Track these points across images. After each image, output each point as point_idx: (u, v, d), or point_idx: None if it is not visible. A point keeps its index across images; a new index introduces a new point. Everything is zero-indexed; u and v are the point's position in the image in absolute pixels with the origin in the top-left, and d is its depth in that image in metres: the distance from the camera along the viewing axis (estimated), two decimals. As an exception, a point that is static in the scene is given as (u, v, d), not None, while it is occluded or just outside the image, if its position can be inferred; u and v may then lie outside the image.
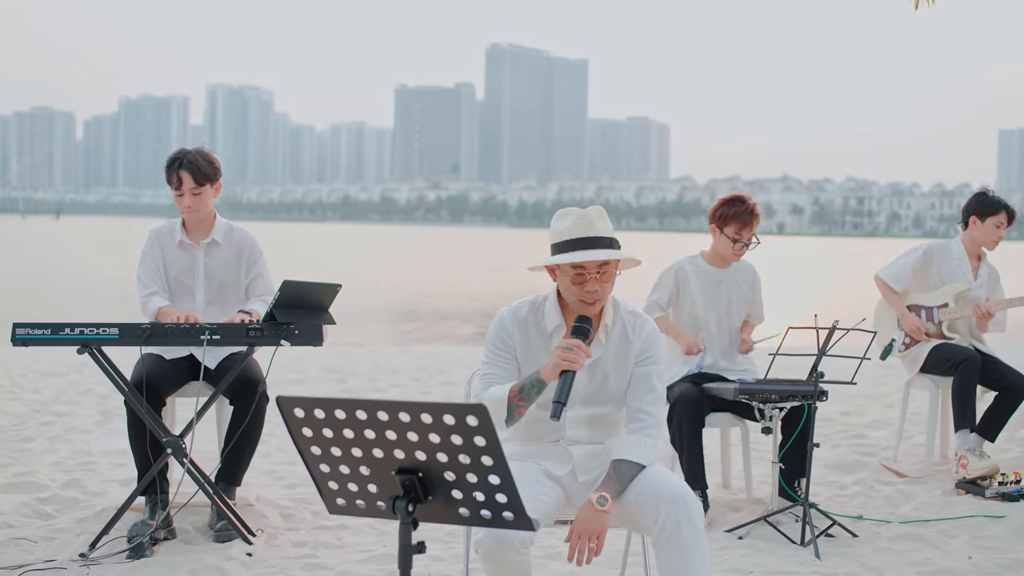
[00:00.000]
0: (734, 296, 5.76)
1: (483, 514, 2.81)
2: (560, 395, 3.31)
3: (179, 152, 5.19)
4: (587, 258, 3.42)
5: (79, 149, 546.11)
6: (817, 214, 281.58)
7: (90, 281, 30.28)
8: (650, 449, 3.50)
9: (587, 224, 3.48)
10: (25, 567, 4.42)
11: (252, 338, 4.68)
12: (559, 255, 3.48)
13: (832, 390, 9.85)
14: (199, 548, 4.72)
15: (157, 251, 5.30)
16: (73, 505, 5.50)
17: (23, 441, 7.24)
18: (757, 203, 5.67)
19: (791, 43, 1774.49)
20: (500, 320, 3.61)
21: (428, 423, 2.69)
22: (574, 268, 3.47)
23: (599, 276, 3.46)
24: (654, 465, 3.51)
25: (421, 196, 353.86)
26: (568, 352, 3.33)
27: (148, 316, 5.17)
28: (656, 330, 3.67)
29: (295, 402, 2.83)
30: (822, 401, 5.20)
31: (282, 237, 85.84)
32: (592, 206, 3.56)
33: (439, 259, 56.78)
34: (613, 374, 3.60)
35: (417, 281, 33.31)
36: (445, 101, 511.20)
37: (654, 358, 3.62)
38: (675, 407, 5.40)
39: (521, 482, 3.43)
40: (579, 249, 3.45)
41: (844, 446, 7.23)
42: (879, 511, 5.52)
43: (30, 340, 4.59)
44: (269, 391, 5.02)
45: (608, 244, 3.47)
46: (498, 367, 3.55)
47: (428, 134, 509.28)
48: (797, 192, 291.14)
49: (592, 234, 3.47)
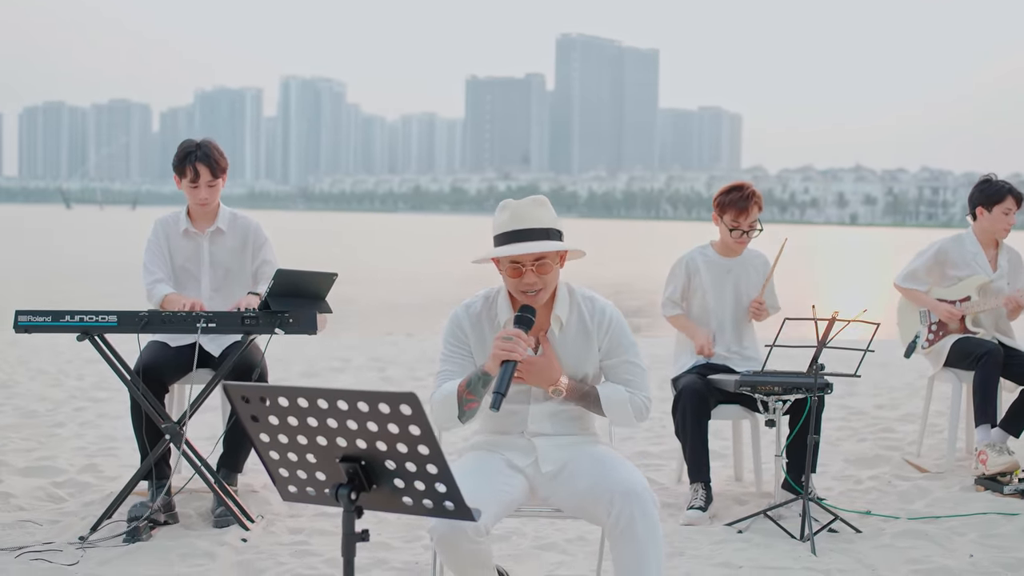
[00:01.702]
0: (744, 285, 5.68)
1: (425, 503, 2.80)
2: (499, 385, 3.30)
3: (190, 144, 5.23)
4: (513, 252, 3.40)
5: (155, 140, 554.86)
6: (891, 204, 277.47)
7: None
8: (618, 399, 3.55)
9: (521, 216, 3.46)
10: (24, 548, 4.50)
11: (247, 326, 4.72)
12: (493, 249, 3.49)
13: (869, 383, 9.76)
14: (195, 533, 4.78)
15: (163, 240, 5.36)
16: (85, 489, 5.60)
17: (54, 426, 7.37)
18: (758, 191, 5.60)
19: (866, 29, 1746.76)
20: (454, 317, 3.61)
21: (365, 411, 2.69)
22: (511, 262, 3.45)
23: (535, 268, 3.43)
24: (610, 455, 3.49)
25: (491, 186, 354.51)
26: (507, 342, 3.32)
27: (153, 303, 5.23)
28: (618, 317, 3.63)
29: (240, 389, 2.85)
30: (826, 394, 5.13)
31: (357, 228, 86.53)
32: (533, 196, 3.53)
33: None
34: (573, 364, 3.58)
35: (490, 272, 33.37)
36: (515, 91, 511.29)
37: (623, 347, 3.60)
38: (680, 398, 5.35)
39: (484, 473, 3.45)
40: (512, 242, 3.43)
41: (870, 440, 7.12)
42: (890, 507, 5.43)
43: (32, 327, 4.67)
44: (295, 380, 5.06)
45: (544, 236, 3.44)
46: (453, 363, 3.55)
47: (498, 124, 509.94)
48: (870, 182, 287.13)
49: (525, 226, 3.44)
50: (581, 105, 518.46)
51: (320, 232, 76.92)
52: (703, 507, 5.15)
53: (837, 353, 5.14)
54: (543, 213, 3.49)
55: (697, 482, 5.25)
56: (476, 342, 3.58)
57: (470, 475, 3.38)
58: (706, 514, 5.13)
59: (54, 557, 4.41)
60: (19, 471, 5.95)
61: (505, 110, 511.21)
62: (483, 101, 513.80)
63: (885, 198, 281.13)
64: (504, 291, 3.61)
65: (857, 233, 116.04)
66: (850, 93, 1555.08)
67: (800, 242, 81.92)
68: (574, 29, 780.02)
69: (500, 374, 3.31)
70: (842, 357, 5.53)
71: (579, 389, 3.53)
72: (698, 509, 5.14)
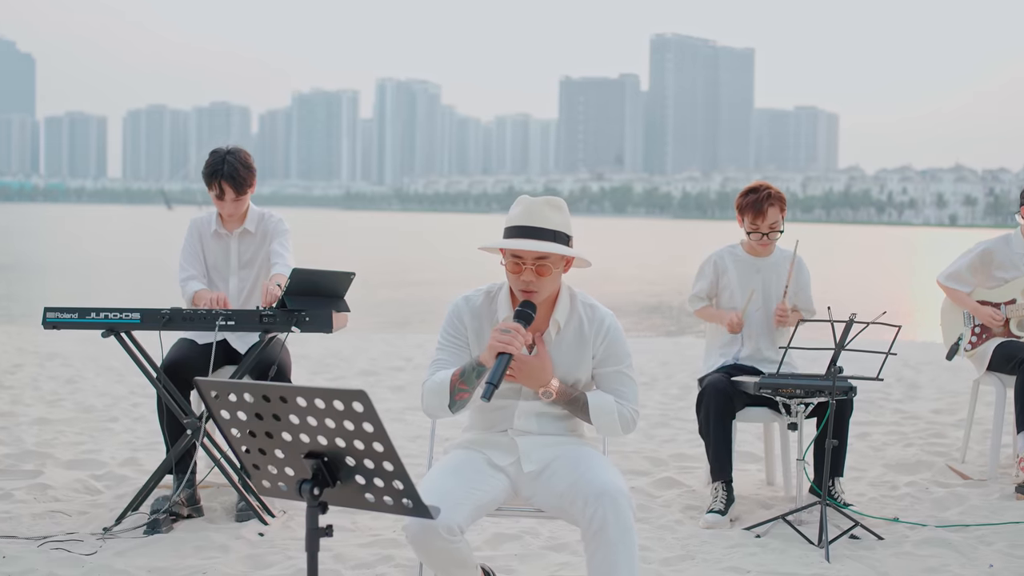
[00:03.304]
0: (773, 285, 5.61)
1: (386, 500, 2.83)
2: (492, 376, 3.31)
3: (217, 160, 5.26)
4: (516, 246, 3.41)
5: (254, 142, 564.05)
6: (991, 205, 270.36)
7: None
8: (607, 411, 3.53)
9: (532, 214, 3.46)
10: (48, 539, 4.64)
11: (265, 324, 4.79)
12: (498, 240, 3.50)
13: (933, 387, 9.57)
14: (215, 527, 4.87)
15: (196, 240, 5.47)
16: (122, 482, 5.73)
17: (107, 421, 7.56)
18: (777, 191, 5.51)
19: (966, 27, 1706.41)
20: (454, 308, 3.62)
21: (322, 408, 2.73)
22: (513, 256, 3.46)
23: (535, 267, 3.43)
24: (591, 456, 3.48)
25: (584, 187, 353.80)
26: (505, 335, 3.32)
27: (185, 299, 5.35)
28: (616, 327, 3.62)
29: (211, 385, 2.91)
30: (849, 397, 5.04)
31: (446, 228, 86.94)
32: (550, 197, 3.53)
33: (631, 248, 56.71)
34: (565, 368, 3.57)
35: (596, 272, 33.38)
36: (609, 92, 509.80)
37: (620, 355, 3.59)
38: (703, 397, 5.31)
39: (461, 472, 3.47)
40: (518, 237, 3.43)
41: (917, 445, 6.97)
42: (920, 514, 5.32)
43: (60, 323, 4.81)
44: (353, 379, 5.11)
45: (551, 237, 3.44)
46: (448, 353, 3.56)
47: (592, 125, 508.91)
48: (971, 182, 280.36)
49: (535, 224, 3.44)
50: (675, 105, 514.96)
51: (411, 233, 77.56)
52: (722, 510, 5.10)
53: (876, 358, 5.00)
54: (556, 216, 3.49)
55: (718, 480, 5.21)
56: (474, 334, 3.59)
57: (447, 474, 3.40)
58: (726, 517, 5.08)
59: (74, 547, 4.53)
60: (63, 464, 6.12)
61: (599, 111, 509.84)
62: (577, 102, 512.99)
63: (986, 199, 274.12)
64: (506, 288, 3.62)
65: (956, 235, 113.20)
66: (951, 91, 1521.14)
67: (896, 244, 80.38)
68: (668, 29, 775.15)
69: (495, 366, 3.32)
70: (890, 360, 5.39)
71: (568, 394, 3.52)
72: (717, 512, 5.09)
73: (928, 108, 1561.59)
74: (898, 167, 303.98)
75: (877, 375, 4.91)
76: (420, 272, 32.49)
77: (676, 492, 5.71)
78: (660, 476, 6.00)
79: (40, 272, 31.98)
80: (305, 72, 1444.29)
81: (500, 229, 3.60)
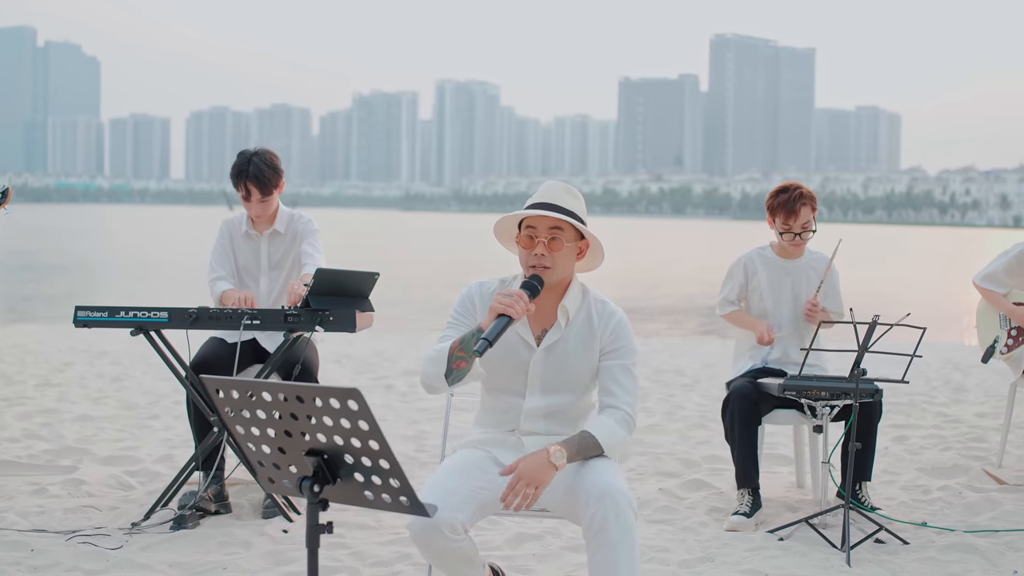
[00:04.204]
0: (803, 288, 5.56)
1: (384, 498, 2.86)
2: (489, 333, 3.32)
3: (243, 161, 5.33)
4: (531, 212, 3.47)
5: (315, 144, 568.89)
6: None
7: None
8: (618, 442, 3.47)
9: (550, 194, 3.53)
10: (76, 533, 4.73)
11: (290, 323, 4.85)
12: (513, 212, 3.56)
13: (980, 391, 9.43)
14: (240, 523, 4.93)
15: (227, 241, 5.54)
16: (155, 479, 5.82)
17: (148, 418, 7.68)
18: (809, 191, 5.46)
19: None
20: (467, 291, 3.65)
21: (319, 406, 2.76)
22: (528, 228, 3.51)
23: (547, 242, 3.47)
24: (595, 457, 3.47)
25: (643, 188, 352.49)
26: (507, 298, 3.34)
27: (213, 299, 5.43)
28: (625, 322, 3.61)
29: (216, 383, 2.96)
30: (876, 399, 5.00)
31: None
32: (569, 186, 3.58)
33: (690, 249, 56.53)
34: (572, 360, 3.57)
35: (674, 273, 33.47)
36: (669, 93, 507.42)
37: (625, 351, 3.58)
38: (729, 402, 5.28)
39: (466, 471, 3.49)
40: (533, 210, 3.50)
41: (955, 449, 6.88)
42: (950, 519, 5.25)
43: (90, 322, 4.90)
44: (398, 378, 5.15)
45: (566, 215, 3.49)
46: (455, 330, 3.56)
47: (651, 126, 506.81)
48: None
49: (552, 201, 3.51)
50: (735, 106, 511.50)
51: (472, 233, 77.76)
52: (748, 513, 5.07)
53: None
54: (572, 200, 3.56)
55: (743, 487, 5.18)
56: (483, 318, 3.61)
57: (452, 473, 3.42)
58: (751, 520, 5.06)
59: (101, 541, 4.62)
60: (100, 460, 6.23)
61: (658, 111, 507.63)
62: (636, 103, 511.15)
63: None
64: (520, 277, 3.64)
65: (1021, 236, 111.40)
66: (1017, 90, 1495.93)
67: (957, 246, 79.20)
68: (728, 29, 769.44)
69: (493, 325, 3.33)
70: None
71: (573, 448, 3.40)
72: (742, 515, 5.07)
73: (993, 108, 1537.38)
74: (961, 167, 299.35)
75: (902, 378, 4.86)
76: (485, 272, 32.47)
77: (703, 494, 5.68)
78: (690, 478, 5.98)
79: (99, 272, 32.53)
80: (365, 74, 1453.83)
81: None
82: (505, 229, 3.64)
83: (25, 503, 5.24)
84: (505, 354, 3.55)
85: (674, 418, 8.03)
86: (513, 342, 3.56)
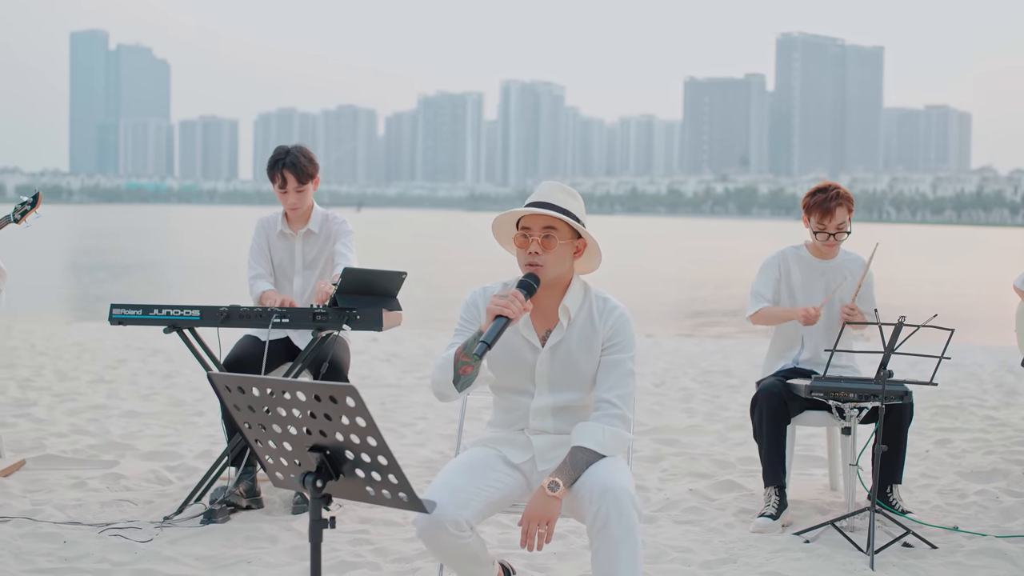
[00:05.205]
0: (836, 289, 5.52)
1: (384, 494, 2.91)
2: (487, 335, 3.33)
3: (281, 151, 5.46)
4: (524, 211, 3.50)
5: (380, 145, 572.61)
6: None
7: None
8: (609, 437, 3.46)
9: (546, 194, 3.55)
10: (109, 526, 4.83)
11: (318, 322, 4.92)
12: (508, 212, 3.58)
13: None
14: (270, 518, 5.01)
15: (263, 239, 5.63)
16: (193, 474, 5.92)
17: (194, 415, 7.81)
18: (846, 192, 5.42)
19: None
20: (472, 296, 3.68)
21: (319, 403, 2.81)
22: (523, 229, 3.53)
23: (541, 240, 3.48)
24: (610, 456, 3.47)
25: (708, 188, 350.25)
26: (503, 299, 3.36)
27: (253, 298, 5.52)
28: (625, 316, 3.61)
29: (223, 379, 3.02)
30: (905, 402, 4.95)
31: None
32: (567, 187, 3.59)
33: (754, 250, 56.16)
34: (577, 359, 3.58)
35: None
36: (734, 92, 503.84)
37: (622, 345, 3.57)
38: (757, 401, 5.26)
39: (474, 468, 3.52)
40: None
41: (998, 453, 6.78)
42: (983, 523, 5.18)
43: (125, 320, 5.02)
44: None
45: (561, 213, 3.50)
46: (462, 337, 3.59)
47: (717, 126, 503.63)
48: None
49: (545, 200, 3.52)
50: (802, 105, 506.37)
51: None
52: (774, 515, 5.05)
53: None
54: (568, 199, 3.57)
55: (770, 486, 5.16)
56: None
57: (460, 471, 3.45)
58: (777, 522, 5.03)
59: (132, 534, 4.72)
60: (141, 455, 6.35)
61: (723, 111, 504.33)
62: (701, 102, 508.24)
63: None
64: None
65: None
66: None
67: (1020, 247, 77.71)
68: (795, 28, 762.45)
69: (491, 327, 3.35)
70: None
71: (566, 471, 3.40)
72: (768, 517, 5.04)
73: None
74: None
75: (931, 379, 4.80)
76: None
77: (734, 495, 5.67)
78: (722, 479, 5.96)
79: (164, 272, 33.02)
80: (430, 75, 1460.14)
81: (623, 230, 3.65)
82: (504, 230, 3.66)
83: (63, 496, 5.37)
84: (512, 356, 3.58)
85: (715, 419, 8.00)
86: (518, 345, 3.58)
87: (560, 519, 3.44)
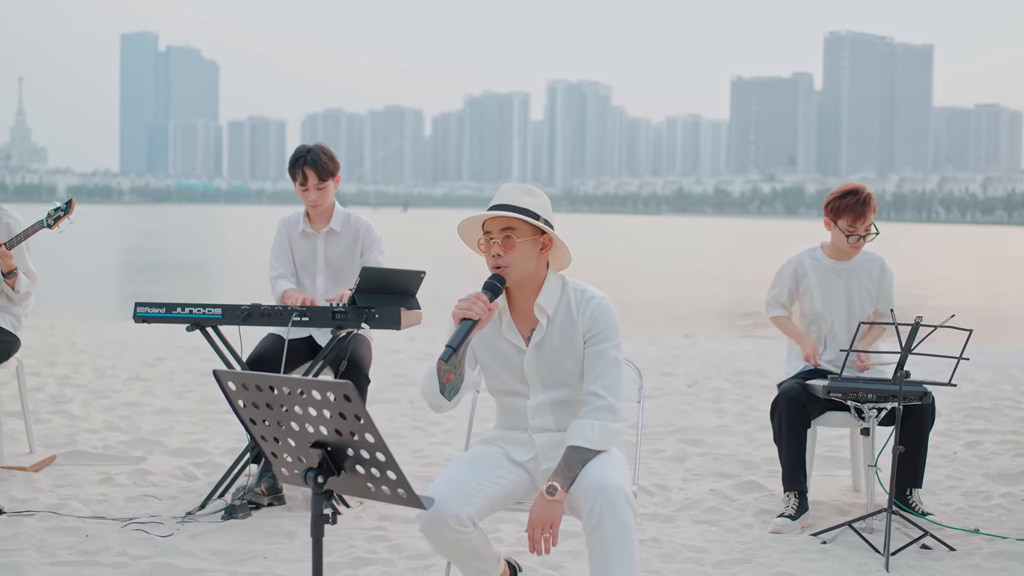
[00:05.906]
0: (855, 290, 5.50)
1: (383, 490, 2.94)
2: (452, 340, 3.35)
3: (301, 149, 5.54)
4: (475, 214, 3.53)
5: (427, 144, 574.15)
6: None
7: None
8: (599, 432, 3.47)
9: (503, 195, 3.55)
10: (131, 520, 4.92)
11: (337, 321, 4.97)
12: (464, 217, 3.60)
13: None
14: (290, 515, 5.07)
15: (285, 239, 5.70)
16: (218, 471, 5.99)
17: (225, 412, 7.88)
18: (872, 194, 5.41)
19: None
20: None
21: (319, 400, 2.86)
22: (485, 233, 3.54)
23: (501, 240, 3.48)
24: (599, 454, 3.48)
25: (755, 188, 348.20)
26: (464, 301, 3.38)
27: (275, 297, 5.58)
28: (604, 306, 3.58)
29: (228, 376, 3.07)
30: (925, 403, 4.92)
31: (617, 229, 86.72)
32: (527, 185, 3.59)
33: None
34: (562, 355, 3.58)
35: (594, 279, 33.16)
36: (782, 92, 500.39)
37: (603, 335, 3.55)
38: (776, 404, 5.25)
39: (477, 466, 3.55)
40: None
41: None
42: (1005, 526, 5.14)
43: (148, 318, 5.10)
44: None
45: (518, 212, 3.49)
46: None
47: (764, 125, 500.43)
48: None
49: (502, 202, 3.52)
50: (850, 105, 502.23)
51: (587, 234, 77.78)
52: (793, 516, 5.04)
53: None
54: (527, 198, 3.55)
55: (790, 491, 5.14)
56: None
57: (463, 467, 3.49)
58: (796, 523, 5.02)
59: (153, 529, 4.80)
60: (170, 451, 6.45)
61: (771, 110, 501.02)
62: (748, 102, 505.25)
63: None
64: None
65: None
66: None
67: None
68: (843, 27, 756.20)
69: (456, 331, 3.37)
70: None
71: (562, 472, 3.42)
72: (787, 517, 5.04)
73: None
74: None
75: (949, 380, 4.77)
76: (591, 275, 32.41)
77: (755, 496, 5.66)
78: (745, 479, 5.95)
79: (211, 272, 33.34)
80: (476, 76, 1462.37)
81: (670, 229, 3.64)
82: (471, 237, 3.65)
83: (89, 491, 5.46)
84: (501, 360, 3.61)
85: (744, 419, 7.97)
86: (504, 348, 3.61)
87: (569, 519, 3.47)
